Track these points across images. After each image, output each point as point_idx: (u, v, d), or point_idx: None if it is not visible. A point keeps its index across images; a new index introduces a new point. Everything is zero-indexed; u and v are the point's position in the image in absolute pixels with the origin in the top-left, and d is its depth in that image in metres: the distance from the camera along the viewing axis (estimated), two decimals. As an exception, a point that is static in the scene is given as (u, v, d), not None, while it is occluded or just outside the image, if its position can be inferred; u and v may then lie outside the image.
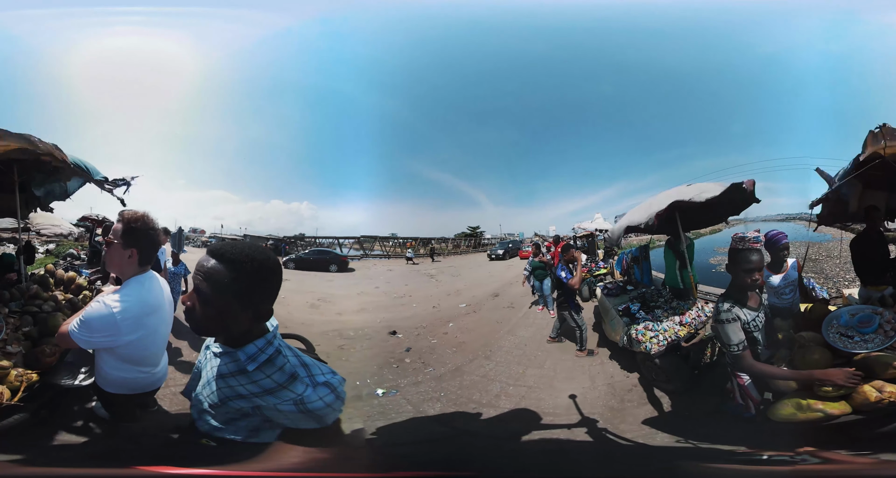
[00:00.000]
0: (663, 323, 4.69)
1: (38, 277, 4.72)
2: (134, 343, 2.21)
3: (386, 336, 7.26)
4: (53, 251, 14.92)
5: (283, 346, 1.45)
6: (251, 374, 1.37)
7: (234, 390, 1.39)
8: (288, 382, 1.35)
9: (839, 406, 2.32)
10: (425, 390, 4.83)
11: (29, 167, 4.23)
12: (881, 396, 2.24)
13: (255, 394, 1.36)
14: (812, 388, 2.37)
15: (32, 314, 3.55)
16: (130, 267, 2.26)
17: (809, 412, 2.32)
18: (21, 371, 2.71)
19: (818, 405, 2.32)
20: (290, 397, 1.33)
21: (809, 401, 2.35)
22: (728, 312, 2.53)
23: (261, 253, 1.35)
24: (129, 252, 2.23)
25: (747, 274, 2.54)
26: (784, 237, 3.85)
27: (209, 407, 1.44)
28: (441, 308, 9.80)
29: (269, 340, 1.41)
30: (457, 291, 11.98)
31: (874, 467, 1.90)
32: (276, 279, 1.39)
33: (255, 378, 1.37)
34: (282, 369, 1.37)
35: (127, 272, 2.26)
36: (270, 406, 1.35)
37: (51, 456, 2.25)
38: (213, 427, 1.44)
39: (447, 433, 3.79)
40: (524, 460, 2.26)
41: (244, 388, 1.38)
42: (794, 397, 2.41)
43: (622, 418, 3.92)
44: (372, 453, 2.24)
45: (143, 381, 2.39)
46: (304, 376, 1.37)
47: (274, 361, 1.38)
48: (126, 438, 2.47)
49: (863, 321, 2.62)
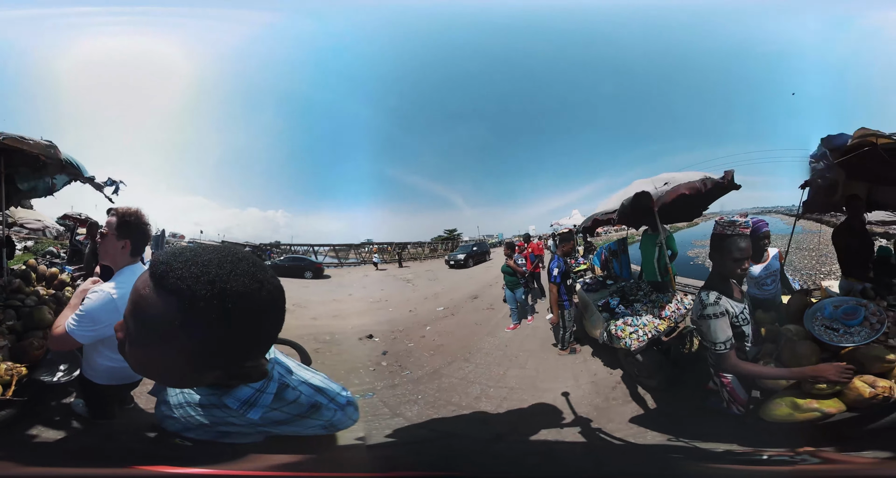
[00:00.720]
0: (643, 317, 4.62)
1: (21, 271, 4.62)
2: None
3: (361, 340, 7.09)
4: (32, 248, 14.38)
5: (285, 372, 1.12)
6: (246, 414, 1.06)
7: (223, 420, 1.08)
8: (309, 412, 1.11)
9: (834, 404, 2.23)
10: (402, 393, 4.73)
11: (16, 161, 4.14)
12: (875, 391, 2.16)
13: (258, 425, 1.07)
14: (803, 385, 2.27)
15: (15, 308, 3.49)
16: (123, 257, 2.46)
17: (806, 412, 2.22)
18: (10, 365, 2.67)
19: (813, 404, 2.22)
20: (314, 425, 1.13)
21: (803, 400, 2.25)
22: (715, 306, 2.28)
23: (240, 276, 0.79)
24: (122, 243, 2.44)
25: (736, 263, 2.32)
26: (765, 225, 3.82)
27: (187, 425, 1.16)
28: (418, 312, 9.61)
29: (261, 386, 1.04)
30: (434, 295, 11.82)
31: (874, 467, 1.84)
32: (270, 320, 0.87)
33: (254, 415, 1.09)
34: (296, 403, 1.08)
35: (120, 262, 2.46)
36: (286, 432, 1.11)
37: (29, 454, 2.21)
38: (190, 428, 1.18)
39: (427, 435, 3.70)
40: (508, 461, 2.16)
41: (238, 419, 1.06)
42: (786, 396, 2.31)
43: (608, 417, 3.83)
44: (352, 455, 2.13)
45: (128, 370, 2.39)
46: (327, 402, 1.14)
47: (281, 395, 1.06)
48: (105, 436, 2.53)
49: (847, 313, 2.52)
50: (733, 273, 2.36)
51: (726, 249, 2.33)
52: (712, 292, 2.33)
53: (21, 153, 3.69)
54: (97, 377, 2.48)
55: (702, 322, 2.31)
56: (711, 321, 2.26)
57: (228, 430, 1.11)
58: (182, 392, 1.15)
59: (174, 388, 1.12)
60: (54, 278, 4.85)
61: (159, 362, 0.83)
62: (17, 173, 4.50)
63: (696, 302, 2.44)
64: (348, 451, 1.77)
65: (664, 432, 3.37)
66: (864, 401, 2.17)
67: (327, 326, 8.13)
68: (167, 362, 0.82)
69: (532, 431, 3.68)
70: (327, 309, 9.90)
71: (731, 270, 2.35)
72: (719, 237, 2.37)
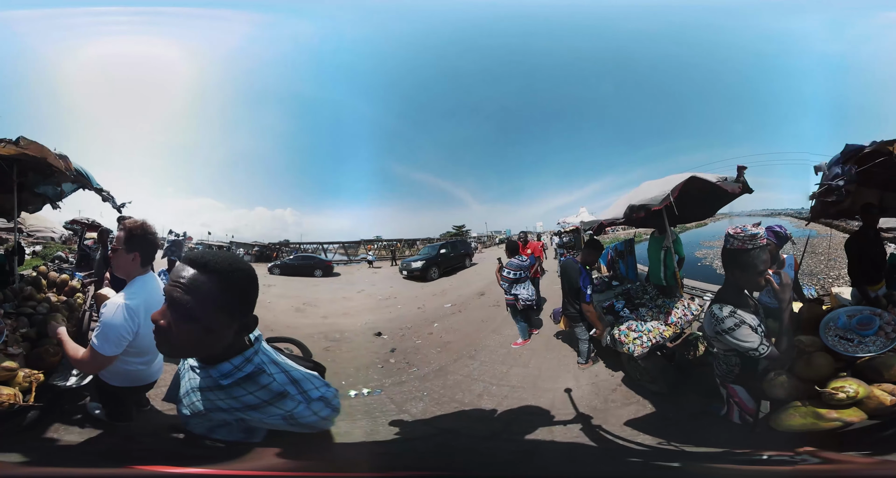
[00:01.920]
0: (648, 323, 4.56)
1: (31, 278, 4.69)
2: (143, 333, 2.42)
3: (371, 338, 7.20)
4: (41, 253, 14.67)
5: (268, 362, 1.33)
6: (229, 389, 1.28)
7: (213, 403, 1.32)
8: (275, 399, 1.27)
9: (855, 413, 2.19)
10: (409, 390, 4.81)
11: (26, 168, 4.18)
12: (895, 399, 2.14)
13: (235, 408, 1.29)
14: (822, 396, 2.22)
15: (28, 315, 3.52)
16: (135, 268, 2.56)
17: (826, 422, 2.18)
18: (28, 371, 2.71)
19: (832, 414, 2.17)
20: (276, 413, 1.27)
21: (823, 410, 2.20)
22: (732, 318, 2.19)
23: (241, 262, 1.26)
24: (132, 256, 2.54)
25: (761, 276, 2.22)
26: (785, 231, 3.72)
27: (193, 415, 1.39)
28: (426, 309, 9.73)
29: (247, 357, 1.29)
30: (442, 291, 11.89)
31: (874, 467, 1.84)
32: (256, 289, 1.29)
33: (234, 394, 1.28)
34: (267, 388, 1.28)
35: (133, 274, 2.55)
36: (254, 420, 1.30)
37: (48, 455, 2.19)
38: (203, 430, 1.40)
39: (430, 432, 3.76)
40: (507, 459, 2.19)
41: (223, 402, 1.30)
42: (798, 405, 2.27)
43: (604, 418, 3.83)
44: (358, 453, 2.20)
45: (143, 372, 2.64)
46: (295, 393, 1.29)
47: (256, 379, 1.28)
48: (123, 437, 2.59)
49: (862, 323, 2.46)
50: (758, 286, 2.28)
51: (750, 264, 2.23)
52: (726, 306, 2.24)
53: (34, 160, 3.68)
54: (112, 379, 2.59)
55: (722, 338, 2.23)
56: (735, 332, 2.18)
57: (221, 417, 1.33)
58: (189, 380, 1.40)
59: (205, 355, 1.30)
60: (65, 285, 4.88)
61: (204, 328, 1.18)
62: (26, 180, 4.56)
63: (707, 318, 2.33)
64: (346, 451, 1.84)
65: (657, 435, 3.36)
66: (887, 409, 2.15)
67: (337, 324, 8.28)
68: (211, 323, 1.18)
69: (528, 430, 3.71)
70: (337, 307, 10.02)
71: (755, 283, 2.27)
72: (740, 252, 2.26)
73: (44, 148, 3.55)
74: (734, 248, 2.29)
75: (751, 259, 2.23)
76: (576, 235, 12.92)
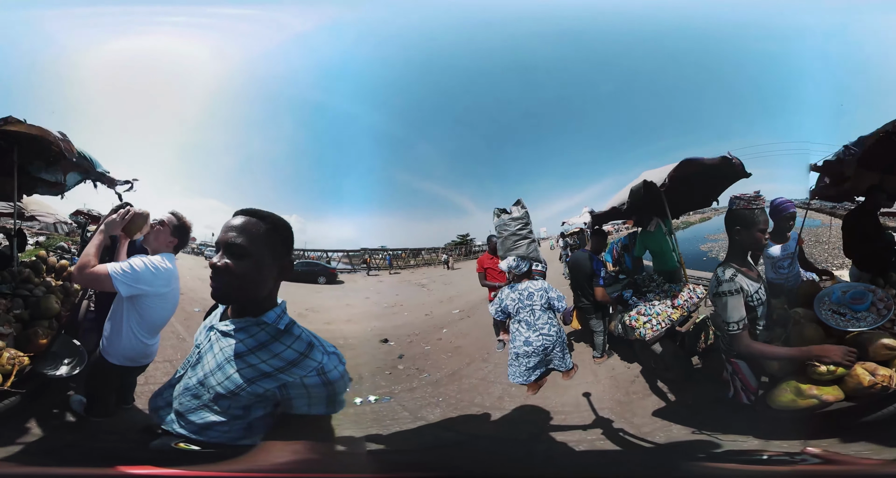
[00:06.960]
0: (656, 306, 4.60)
1: (31, 262, 4.71)
2: (162, 297, 2.64)
3: (377, 344, 7.11)
4: (43, 243, 14.63)
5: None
6: (272, 346, 1.38)
7: (256, 369, 1.37)
8: (308, 350, 1.38)
9: (832, 391, 2.22)
10: (422, 396, 4.73)
11: (29, 151, 4.17)
12: (874, 380, 2.15)
13: (279, 369, 1.36)
14: (806, 370, 2.26)
15: (23, 297, 3.51)
16: (166, 249, 2.78)
17: (806, 399, 2.23)
18: (14, 353, 2.64)
19: (813, 391, 2.22)
20: (312, 366, 1.35)
21: (805, 385, 2.25)
22: (730, 283, 2.31)
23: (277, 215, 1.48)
24: (173, 239, 2.80)
25: (763, 234, 2.39)
26: (792, 205, 3.73)
27: (215, 398, 1.40)
28: (434, 315, 9.62)
29: (284, 308, 1.47)
30: (449, 298, 11.81)
31: (875, 467, 1.85)
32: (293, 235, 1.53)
33: (276, 351, 1.37)
34: (300, 338, 1.40)
35: (161, 251, 2.74)
36: (297, 381, 1.34)
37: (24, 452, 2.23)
38: (199, 426, 1.42)
39: (450, 438, 3.71)
40: (531, 462, 2.18)
41: (267, 364, 1.37)
42: (791, 381, 2.31)
43: (632, 411, 3.82)
44: (371, 459, 2.18)
45: (143, 350, 2.74)
46: (318, 344, 1.42)
47: (291, 329, 1.43)
48: (104, 435, 2.62)
49: (855, 298, 2.53)
50: (760, 244, 2.43)
51: (753, 222, 2.39)
52: (728, 268, 2.38)
53: (36, 143, 3.66)
54: (113, 357, 2.68)
55: (717, 299, 2.35)
56: (727, 298, 2.29)
57: (262, 388, 1.36)
58: (222, 351, 1.44)
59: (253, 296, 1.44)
60: (63, 270, 4.93)
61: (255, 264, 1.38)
62: (30, 165, 4.52)
63: (712, 278, 2.47)
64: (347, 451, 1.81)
65: (686, 424, 3.34)
66: (863, 390, 2.16)
67: (341, 331, 8.15)
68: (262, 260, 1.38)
69: (556, 431, 3.71)
70: (341, 313, 9.96)
71: (758, 241, 2.41)
72: (744, 212, 2.42)
73: (47, 130, 3.53)
74: (739, 208, 2.45)
75: (754, 217, 2.38)
76: (580, 237, 12.90)
